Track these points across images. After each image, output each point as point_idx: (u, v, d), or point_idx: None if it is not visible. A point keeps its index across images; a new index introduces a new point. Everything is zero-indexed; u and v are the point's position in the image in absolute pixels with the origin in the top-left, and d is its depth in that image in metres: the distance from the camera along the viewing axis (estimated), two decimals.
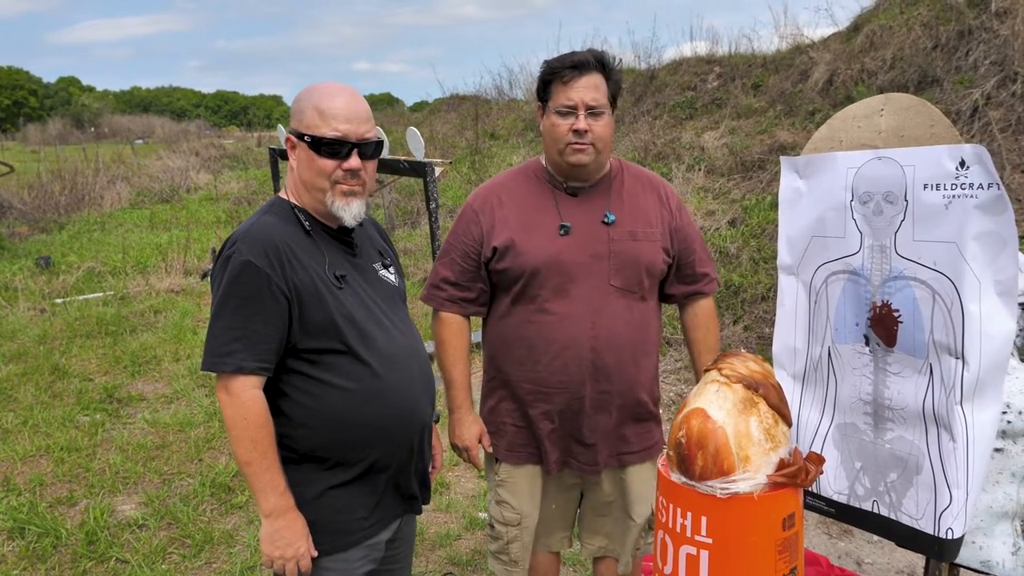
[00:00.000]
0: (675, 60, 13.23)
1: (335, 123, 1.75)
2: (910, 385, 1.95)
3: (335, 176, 1.77)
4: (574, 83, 2.07)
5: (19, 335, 6.94)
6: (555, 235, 2.16)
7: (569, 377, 2.15)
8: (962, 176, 1.79)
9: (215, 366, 1.70)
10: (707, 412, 1.59)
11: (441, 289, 2.26)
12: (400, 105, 32.99)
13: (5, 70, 76.17)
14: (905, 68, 8.33)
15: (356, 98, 1.80)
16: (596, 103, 2.08)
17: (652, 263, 2.20)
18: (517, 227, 2.18)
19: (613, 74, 2.14)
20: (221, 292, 1.71)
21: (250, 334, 1.69)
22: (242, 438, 1.69)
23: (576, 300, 2.15)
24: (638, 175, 2.30)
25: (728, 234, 7.10)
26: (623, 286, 2.17)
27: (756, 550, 1.57)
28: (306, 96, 1.80)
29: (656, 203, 2.26)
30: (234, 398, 1.69)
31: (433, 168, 5.37)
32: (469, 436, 2.30)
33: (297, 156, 1.81)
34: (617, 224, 2.18)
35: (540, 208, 2.20)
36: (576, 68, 2.07)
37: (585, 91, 2.07)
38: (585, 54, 2.10)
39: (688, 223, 2.32)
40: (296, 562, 1.76)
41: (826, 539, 3.51)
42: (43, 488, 4.16)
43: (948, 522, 1.88)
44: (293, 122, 1.81)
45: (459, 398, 2.31)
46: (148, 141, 35.20)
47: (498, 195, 2.25)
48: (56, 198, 14.92)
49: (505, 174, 2.34)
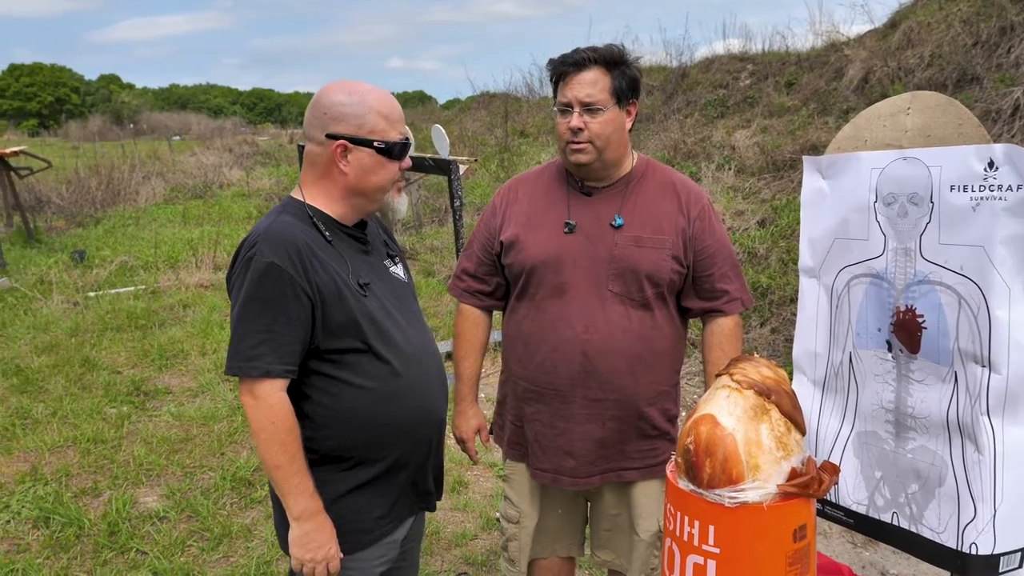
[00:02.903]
0: (707, 58, 13.10)
1: (399, 126, 1.79)
2: (934, 393, 1.89)
3: (396, 177, 1.82)
4: (570, 80, 2.04)
5: (52, 327, 7.07)
6: (559, 233, 2.13)
7: (559, 379, 2.12)
8: (990, 177, 1.72)
9: (241, 370, 1.67)
10: (716, 418, 1.54)
11: (461, 280, 2.32)
12: (432, 103, 33.13)
13: (48, 68, 77.95)
14: (944, 66, 8.14)
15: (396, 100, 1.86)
16: (591, 99, 2.03)
17: (655, 271, 2.11)
18: (524, 223, 2.17)
19: (619, 69, 2.06)
20: (244, 294, 1.68)
21: (276, 337, 1.66)
22: (271, 442, 1.67)
23: (571, 301, 2.11)
24: (664, 179, 2.21)
25: (757, 235, 6.99)
26: (622, 292, 2.11)
27: (765, 561, 1.52)
28: (357, 100, 1.73)
29: (674, 208, 2.16)
30: (261, 402, 1.66)
31: (457, 165, 5.35)
32: (467, 428, 2.37)
33: (354, 163, 1.75)
34: (624, 228, 2.12)
35: (551, 205, 2.18)
36: (573, 65, 2.04)
37: (579, 87, 2.03)
38: (584, 51, 2.05)
39: (711, 234, 2.19)
40: (326, 564, 1.75)
41: (850, 548, 3.43)
42: (69, 478, 4.22)
43: (972, 537, 1.81)
44: (343, 127, 1.73)
45: (463, 391, 2.37)
46: (185, 138, 35.73)
47: (516, 190, 2.26)
48: (93, 193, 15.17)
49: (530, 171, 2.34)
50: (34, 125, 56.75)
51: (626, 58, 2.08)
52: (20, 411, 5.13)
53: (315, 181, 1.79)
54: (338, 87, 1.76)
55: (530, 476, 2.28)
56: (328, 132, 1.73)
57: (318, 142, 1.75)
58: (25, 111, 69.99)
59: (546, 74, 2.14)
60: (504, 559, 2.40)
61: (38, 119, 64.90)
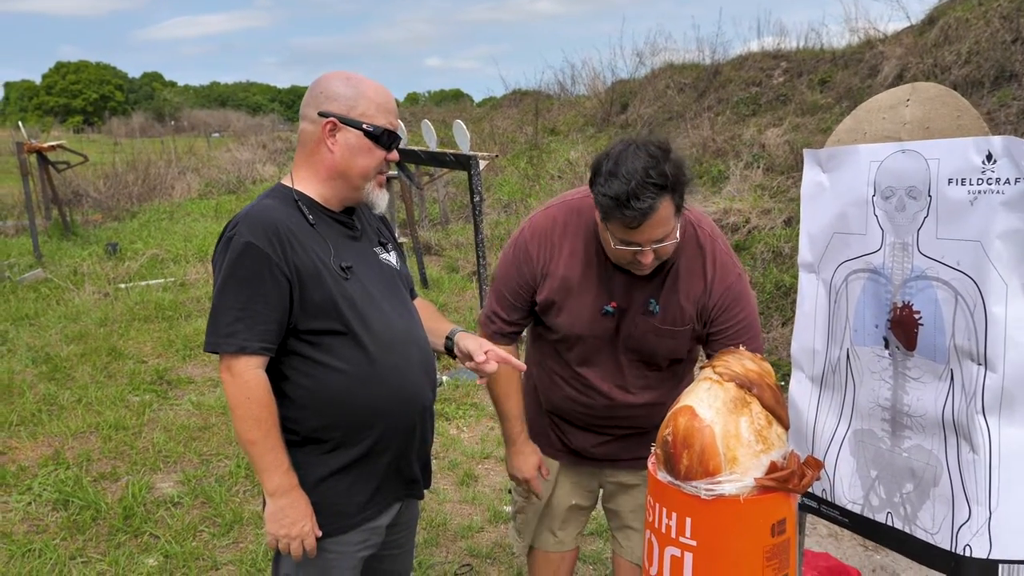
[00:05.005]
0: (741, 55, 12.96)
1: (389, 117, 1.83)
2: (930, 391, 1.85)
3: (380, 167, 1.83)
4: (641, 226, 1.83)
5: (83, 317, 7.23)
6: (597, 315, 2.08)
7: (581, 416, 2.21)
8: (988, 170, 1.68)
9: (218, 347, 1.72)
10: (695, 410, 1.53)
11: (492, 322, 2.22)
12: (467, 100, 33.21)
13: (94, 66, 79.58)
14: (981, 63, 7.96)
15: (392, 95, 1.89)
16: (664, 235, 1.88)
17: (672, 354, 2.14)
18: (560, 289, 2.08)
19: (678, 181, 1.85)
20: (223, 273, 1.73)
21: (252, 315, 1.70)
22: (245, 417, 1.70)
23: (595, 365, 2.15)
24: (696, 251, 2.08)
25: (783, 233, 6.91)
26: (640, 360, 2.14)
27: (742, 555, 1.50)
28: (352, 85, 1.80)
29: (700, 290, 2.07)
30: (237, 378, 1.70)
31: (477, 161, 5.36)
32: (528, 468, 2.25)
33: (341, 142, 1.79)
34: (656, 314, 2.08)
35: (591, 279, 2.08)
36: (641, 214, 1.80)
37: (650, 231, 1.85)
38: (648, 193, 1.79)
39: (737, 313, 2.10)
40: (301, 541, 1.77)
41: (861, 551, 3.38)
42: (90, 463, 4.32)
43: (966, 538, 1.77)
44: (335, 107, 1.78)
45: (514, 430, 2.25)
46: (224, 135, 36.26)
47: (553, 244, 2.10)
48: (130, 188, 15.48)
49: (564, 212, 2.12)
50: (79, 122, 58.03)
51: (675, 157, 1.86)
52: (47, 397, 5.25)
53: (303, 161, 1.84)
54: (338, 74, 1.84)
55: (549, 457, 2.31)
56: (320, 110, 1.79)
57: (310, 120, 1.80)
58: (71, 108, 71.62)
59: (579, 72, 2.09)
60: (514, 527, 2.48)
61: (83, 116, 66.38)
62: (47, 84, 76.64)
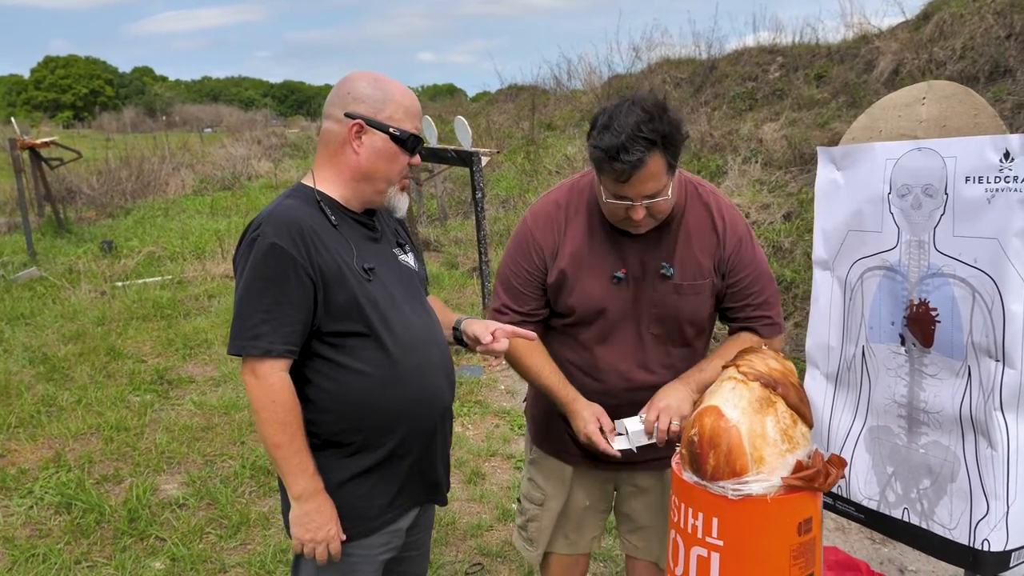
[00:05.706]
0: (737, 50, 12.95)
1: (415, 122, 1.83)
2: (947, 388, 1.85)
3: (404, 171, 1.84)
4: (631, 179, 1.85)
5: (80, 316, 7.18)
6: (607, 283, 2.07)
7: (602, 400, 2.13)
8: (1006, 168, 1.68)
9: (243, 349, 1.69)
10: (721, 410, 1.53)
11: (503, 314, 2.18)
12: (461, 95, 33.15)
13: (83, 60, 79.09)
14: (976, 58, 7.98)
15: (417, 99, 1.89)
16: (655, 191, 1.89)
17: (694, 315, 2.10)
18: (569, 263, 2.08)
19: (671, 139, 1.87)
20: (247, 275, 1.70)
21: (277, 317, 1.68)
22: (271, 421, 1.69)
23: (613, 344, 2.12)
24: (702, 207, 2.10)
25: (782, 228, 6.92)
26: (662, 334, 2.11)
27: (769, 554, 1.51)
28: (380, 87, 1.78)
29: (713, 243, 2.09)
30: (262, 381, 1.69)
31: (479, 157, 5.35)
32: (589, 421, 2.06)
33: (367, 145, 1.78)
34: (672, 277, 2.06)
35: (598, 246, 2.07)
36: (631, 166, 1.83)
37: (640, 185, 1.87)
38: (637, 147, 1.81)
39: (751, 262, 2.12)
40: (326, 545, 1.76)
41: (868, 544, 3.39)
42: (91, 465, 4.29)
43: (984, 533, 1.78)
44: (362, 108, 1.76)
45: (566, 396, 2.11)
46: (216, 130, 36.09)
47: (560, 221, 2.12)
48: (123, 184, 15.37)
49: (564, 194, 2.15)
50: (68, 117, 57.69)
51: (670, 116, 1.88)
52: (46, 399, 5.22)
53: (326, 161, 1.82)
54: (365, 74, 1.82)
55: (564, 462, 2.27)
56: (347, 111, 1.77)
57: (336, 120, 1.78)
58: (60, 103, 71.16)
59: (575, 67, 2.08)
60: (521, 538, 2.40)
61: (72, 111, 65.95)
62: (35, 79, 76.11)
